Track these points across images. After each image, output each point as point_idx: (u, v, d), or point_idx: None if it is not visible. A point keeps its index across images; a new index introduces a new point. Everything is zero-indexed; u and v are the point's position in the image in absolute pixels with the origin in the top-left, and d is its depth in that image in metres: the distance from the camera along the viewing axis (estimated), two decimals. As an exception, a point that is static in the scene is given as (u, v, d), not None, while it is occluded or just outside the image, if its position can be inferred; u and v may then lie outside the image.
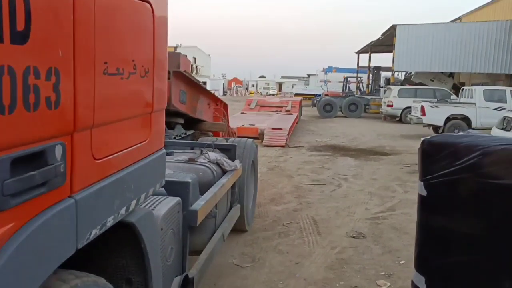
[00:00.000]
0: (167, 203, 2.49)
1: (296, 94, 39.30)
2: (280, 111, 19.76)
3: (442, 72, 24.62)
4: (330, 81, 38.29)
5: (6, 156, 1.18)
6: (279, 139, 13.08)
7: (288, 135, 13.55)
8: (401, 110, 21.30)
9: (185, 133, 5.49)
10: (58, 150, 1.38)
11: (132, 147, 1.91)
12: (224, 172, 4.02)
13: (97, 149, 1.62)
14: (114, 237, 1.86)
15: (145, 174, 2.03)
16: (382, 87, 28.33)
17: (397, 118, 21.76)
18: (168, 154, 3.56)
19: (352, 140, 14.85)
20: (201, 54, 69.63)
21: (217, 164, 3.97)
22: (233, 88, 70.25)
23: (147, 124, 2.06)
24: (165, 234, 2.40)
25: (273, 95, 53.59)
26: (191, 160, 3.82)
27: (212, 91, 7.75)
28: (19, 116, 1.19)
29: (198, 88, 5.72)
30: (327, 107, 24.84)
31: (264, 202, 6.62)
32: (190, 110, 5.43)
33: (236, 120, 16.01)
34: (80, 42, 1.45)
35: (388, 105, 21.78)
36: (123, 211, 1.80)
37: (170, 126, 5.15)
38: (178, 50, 60.77)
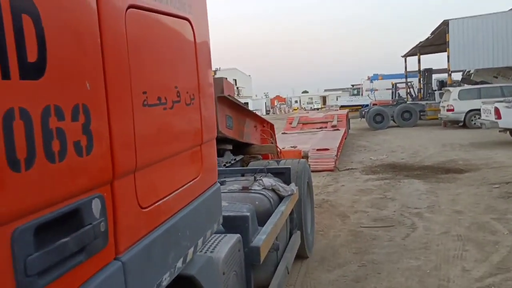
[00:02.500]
0: (227, 243, 2.25)
1: (342, 107, 37.07)
2: (326, 127, 17.73)
3: (507, 67, 21.68)
4: (377, 90, 36.02)
5: (28, 224, 0.94)
6: (326, 162, 11.07)
7: (336, 156, 11.52)
8: (464, 114, 18.71)
9: (235, 159, 5.26)
10: (96, 205, 1.16)
11: (183, 187, 1.70)
12: (280, 198, 3.75)
13: (143, 196, 1.42)
14: None
15: (200, 215, 1.80)
16: (435, 90, 25.67)
17: (460, 124, 19.13)
18: (220, 183, 3.21)
19: (414, 155, 12.57)
20: (241, 76, 69.07)
21: (273, 190, 3.70)
22: (276, 106, 68.87)
23: (197, 158, 1.85)
24: (227, 278, 2.16)
25: (317, 109, 51.58)
26: (245, 189, 3.56)
27: (254, 111, 7.43)
28: (40, 170, 0.96)
29: (243, 111, 5.57)
30: (377, 117, 22.49)
31: (311, 264, 4.69)
32: (238, 135, 5.31)
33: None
34: (112, 70, 1.25)
35: (448, 110, 19.21)
36: (179, 263, 1.61)
37: (219, 153, 4.91)
38: (218, 74, 60.76)
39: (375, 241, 5.34)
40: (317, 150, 11.86)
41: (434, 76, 28.43)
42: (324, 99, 72.11)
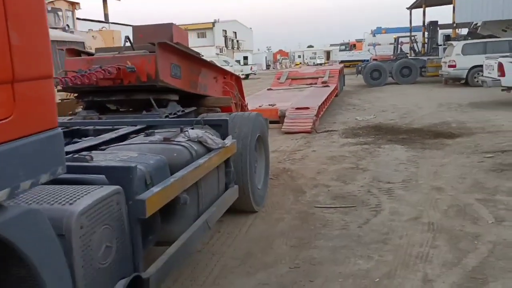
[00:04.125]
0: (94, 195, 2.07)
1: (342, 62, 35.34)
2: (316, 84, 16.37)
3: (518, 19, 19.89)
4: (379, 44, 34.18)
5: None
6: (303, 122, 9.85)
7: (317, 116, 10.26)
8: (467, 71, 17.30)
9: (183, 111, 4.95)
10: None
11: None
12: (210, 151, 3.47)
13: None
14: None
15: (12, 161, 1.58)
16: (440, 45, 23.96)
17: (462, 81, 17.73)
18: (148, 134, 3.51)
19: (405, 115, 11.30)
20: (241, 28, 66.83)
21: (200, 142, 3.42)
22: (278, 61, 66.54)
23: (7, 97, 1.58)
24: (91, 232, 1.99)
25: (320, 64, 49.58)
26: (167, 140, 3.29)
27: (254, 65, 6.88)
28: None
29: (198, 61, 5.39)
30: (375, 73, 21.02)
31: (230, 263, 3.60)
32: (188, 85, 5.06)
33: (256, 100, 12.97)
34: None
35: (449, 66, 17.73)
36: None
37: (161, 104, 4.64)
38: (216, 25, 58.61)
39: (325, 228, 4.23)
40: (296, 109, 10.61)
41: (441, 31, 26.55)
42: (328, 54, 69.68)
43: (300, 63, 66.51)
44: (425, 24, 26.22)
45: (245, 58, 52.96)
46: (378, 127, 9.69)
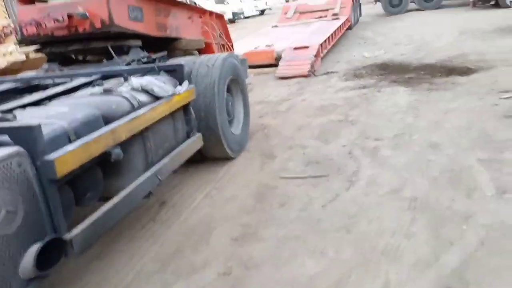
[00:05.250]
0: None
1: (363, -11, 32.77)
2: (325, 17, 14.94)
3: None
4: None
5: None
6: (299, 65, 8.79)
7: (316, 56, 9.16)
8: (497, -11, 15.31)
9: (148, 57, 4.52)
10: None
11: None
12: (159, 99, 3.30)
13: None
14: None
15: None
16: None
17: (492, 2, 15.82)
18: (96, 85, 3.38)
19: (419, 48, 10.02)
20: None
21: (146, 91, 3.24)
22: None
23: None
24: None
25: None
26: (108, 91, 3.12)
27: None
28: None
29: (164, 0, 4.89)
30: (394, 0, 19.11)
31: (146, 267, 2.92)
32: (154, 28, 4.67)
33: (256, 39, 11.88)
34: None
35: (477, -14, 15.78)
36: None
37: (122, 50, 4.29)
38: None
39: (282, 210, 3.45)
40: (294, 49, 9.50)
41: None
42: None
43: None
44: None
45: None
46: (385, 65, 8.55)
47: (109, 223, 2.57)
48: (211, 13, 6.37)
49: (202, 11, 6.10)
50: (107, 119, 2.73)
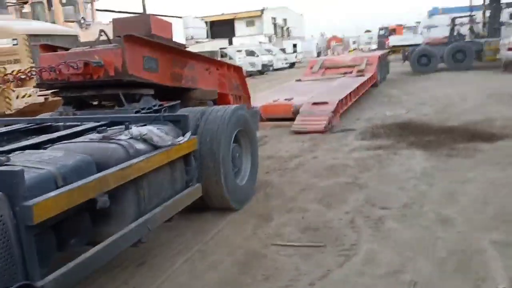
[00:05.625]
0: None
1: (394, 47, 33.05)
2: (351, 73, 14.86)
3: None
4: (436, 26, 31.38)
5: None
6: (316, 121, 8.57)
7: (335, 112, 8.95)
8: (530, 54, 14.98)
9: (160, 105, 4.56)
10: None
11: None
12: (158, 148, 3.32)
13: None
14: None
15: None
16: (503, 24, 21.29)
17: (525, 66, 15.46)
18: (100, 132, 3.33)
19: (443, 109, 9.70)
20: (292, 15, 65.05)
21: (145, 140, 3.26)
22: (332, 46, 63.88)
23: None
24: None
25: (374, 50, 46.94)
26: (106, 138, 3.16)
27: (300, 53, 8.77)
28: None
29: (182, 53, 5.11)
30: (423, 59, 19.01)
31: None
32: (168, 79, 4.78)
33: (278, 93, 11.84)
34: None
35: (509, 48, 15.52)
36: None
37: (135, 98, 4.41)
38: (265, 12, 57.26)
39: (265, 284, 3.09)
40: (313, 104, 9.33)
41: (507, 10, 23.59)
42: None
43: (355, 49, 63.68)
44: (486, 1, 23.46)
45: (294, 46, 51.57)
46: (405, 125, 8.23)
47: (87, 270, 2.52)
48: (229, 66, 6.57)
49: (220, 64, 6.27)
50: (100, 166, 2.76)
